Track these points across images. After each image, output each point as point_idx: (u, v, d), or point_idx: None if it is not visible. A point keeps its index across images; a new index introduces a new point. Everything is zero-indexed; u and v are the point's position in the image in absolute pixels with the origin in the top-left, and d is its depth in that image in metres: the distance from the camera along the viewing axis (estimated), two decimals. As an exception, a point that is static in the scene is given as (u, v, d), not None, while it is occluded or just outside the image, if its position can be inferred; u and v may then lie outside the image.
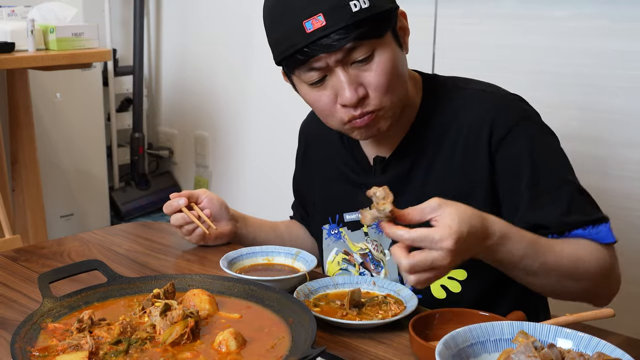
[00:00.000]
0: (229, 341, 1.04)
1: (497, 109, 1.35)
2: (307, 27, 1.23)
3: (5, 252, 1.58)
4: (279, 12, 1.29)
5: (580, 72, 2.85)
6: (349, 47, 1.24)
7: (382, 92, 1.29)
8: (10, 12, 3.29)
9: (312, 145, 1.64)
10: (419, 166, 1.40)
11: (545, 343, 0.95)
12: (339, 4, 1.22)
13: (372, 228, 1.45)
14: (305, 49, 1.24)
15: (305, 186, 1.66)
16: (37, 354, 1.02)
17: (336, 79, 1.28)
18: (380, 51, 1.27)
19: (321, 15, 1.22)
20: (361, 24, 1.23)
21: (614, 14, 2.77)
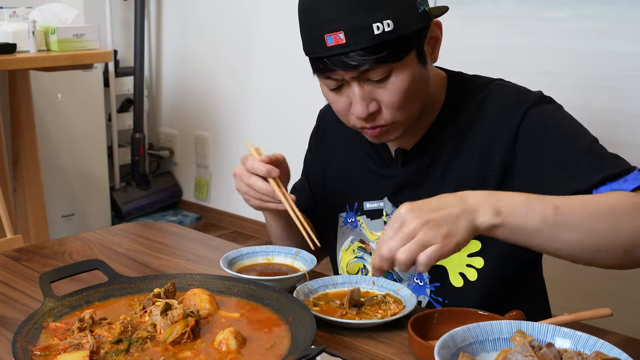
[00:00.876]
0: (229, 340, 1.04)
1: (515, 97, 1.35)
2: (328, 41, 1.23)
3: (6, 252, 1.59)
4: (306, 15, 1.28)
5: (579, 72, 2.86)
6: (366, 68, 1.23)
7: (395, 109, 1.29)
8: (11, 14, 3.29)
9: (332, 132, 1.62)
10: (440, 160, 1.40)
11: (543, 342, 0.95)
12: (362, 24, 1.21)
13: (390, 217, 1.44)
14: (325, 59, 1.24)
15: (319, 169, 1.63)
16: (38, 353, 1.02)
17: (351, 91, 1.28)
18: (398, 72, 1.26)
19: (342, 33, 1.21)
20: (381, 47, 1.21)
21: (613, 15, 2.78)
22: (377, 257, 1.09)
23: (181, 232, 1.77)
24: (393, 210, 1.43)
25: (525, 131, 1.31)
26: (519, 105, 1.33)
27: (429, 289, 1.41)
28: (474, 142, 1.36)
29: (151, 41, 4.55)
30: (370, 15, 1.20)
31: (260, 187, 1.36)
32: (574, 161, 1.25)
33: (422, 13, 1.27)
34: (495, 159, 1.33)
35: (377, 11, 1.20)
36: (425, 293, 1.42)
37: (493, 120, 1.35)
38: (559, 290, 1.72)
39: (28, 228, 3.41)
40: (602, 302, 1.30)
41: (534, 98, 1.34)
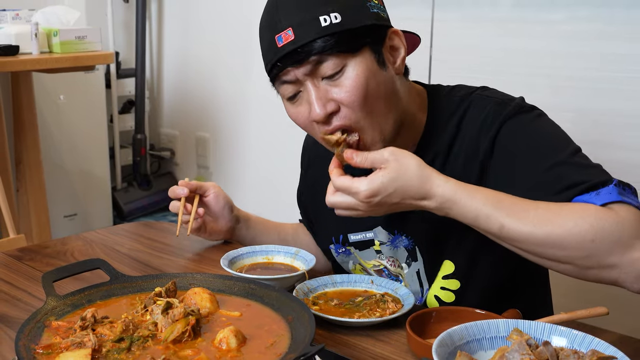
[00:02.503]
0: (230, 339, 1.04)
1: (492, 110, 1.30)
2: (278, 41, 1.23)
3: (9, 252, 1.58)
4: (262, 28, 1.31)
5: (575, 74, 2.85)
6: (316, 60, 1.21)
7: (354, 109, 1.23)
8: (14, 16, 3.29)
9: (313, 164, 1.59)
10: None
11: (539, 341, 0.95)
12: (309, 18, 1.21)
13: (387, 245, 1.41)
14: (278, 62, 1.24)
15: (309, 201, 1.62)
16: (41, 351, 1.02)
17: (306, 94, 1.25)
18: (352, 67, 1.22)
19: (290, 29, 1.21)
20: (328, 38, 1.20)
21: (609, 17, 2.77)
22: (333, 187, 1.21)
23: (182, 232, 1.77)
24: (390, 236, 1.40)
25: (499, 146, 1.27)
26: (495, 118, 1.29)
27: None
28: (456, 159, 1.32)
29: (152, 43, 4.54)
30: (316, 9, 1.20)
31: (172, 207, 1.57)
32: (548, 178, 1.19)
33: (374, 13, 1.25)
34: (472, 176, 1.28)
35: (323, 5, 1.21)
36: None
37: (471, 136, 1.30)
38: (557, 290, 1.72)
39: (31, 228, 3.41)
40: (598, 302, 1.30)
41: (511, 109, 1.29)
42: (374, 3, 1.26)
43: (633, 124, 2.74)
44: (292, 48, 1.21)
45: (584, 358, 0.89)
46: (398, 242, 1.40)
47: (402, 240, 1.39)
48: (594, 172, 1.18)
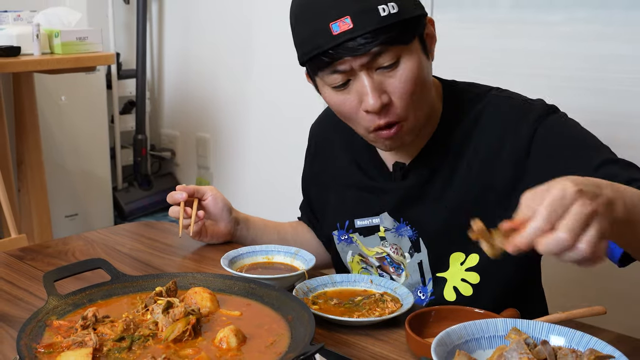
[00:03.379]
0: (230, 338, 1.04)
1: (517, 110, 1.31)
2: (333, 29, 1.19)
3: (11, 251, 1.58)
4: (305, 12, 1.25)
5: (574, 75, 2.86)
6: (375, 52, 1.19)
7: (406, 100, 1.24)
8: (16, 17, 3.29)
9: (322, 149, 1.59)
10: (439, 174, 1.36)
11: (537, 340, 0.95)
12: (368, 7, 1.18)
13: (391, 232, 1.42)
14: (331, 51, 1.20)
15: (314, 189, 1.62)
16: (42, 350, 1.02)
17: (360, 84, 1.23)
18: (406, 58, 1.23)
19: (349, 17, 1.18)
20: (389, 28, 1.18)
21: (606, 18, 2.78)
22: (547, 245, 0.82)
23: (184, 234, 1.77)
24: (395, 224, 1.41)
25: (538, 146, 1.26)
26: (524, 118, 1.29)
27: (426, 303, 1.41)
28: (472, 157, 1.33)
29: (153, 44, 4.55)
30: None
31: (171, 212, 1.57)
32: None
33: (419, 2, 1.26)
34: (498, 175, 1.29)
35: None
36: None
37: (493, 134, 1.31)
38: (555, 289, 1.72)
39: (32, 228, 3.41)
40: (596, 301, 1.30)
41: (542, 110, 1.30)
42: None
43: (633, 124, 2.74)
44: (351, 37, 1.18)
45: (582, 357, 0.89)
46: (402, 231, 1.40)
47: (406, 230, 1.40)
48: (636, 170, 1.19)
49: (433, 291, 1.40)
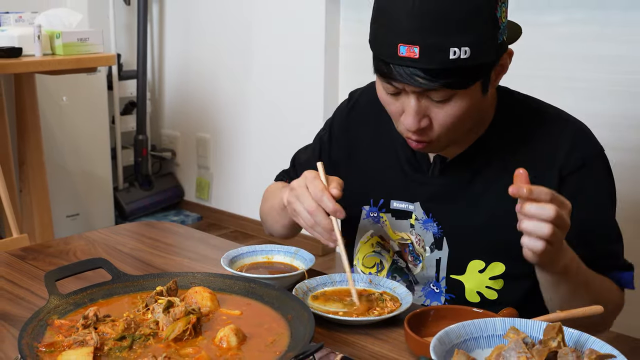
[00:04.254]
0: (230, 337, 1.04)
1: (575, 140, 1.31)
2: (400, 50, 1.16)
3: (13, 251, 1.58)
4: (384, 15, 1.20)
5: (572, 76, 2.86)
6: (430, 89, 1.18)
7: (446, 129, 1.24)
8: (17, 18, 3.29)
9: (362, 121, 1.52)
10: (480, 178, 1.35)
11: (536, 339, 0.95)
12: (439, 44, 1.14)
13: (420, 222, 1.40)
14: (392, 66, 1.18)
15: (339, 155, 1.54)
16: (43, 349, 1.02)
17: (407, 102, 1.22)
18: (459, 98, 1.20)
19: (417, 48, 1.14)
20: (452, 72, 1.15)
21: (604, 19, 2.78)
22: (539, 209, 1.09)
23: (183, 232, 1.77)
24: (424, 216, 1.39)
25: (571, 186, 1.29)
26: (576, 149, 1.30)
27: (444, 297, 1.40)
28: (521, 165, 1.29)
29: (154, 45, 4.54)
30: (450, 38, 1.14)
31: (321, 221, 1.27)
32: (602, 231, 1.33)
33: (500, 43, 1.21)
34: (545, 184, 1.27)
35: (458, 36, 1.14)
36: (439, 300, 1.40)
37: (547, 155, 1.31)
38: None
39: (33, 228, 3.41)
40: (593, 300, 1.30)
41: (593, 149, 1.32)
42: (503, 24, 1.21)
43: (630, 124, 2.74)
44: (412, 66, 1.15)
45: (582, 356, 0.89)
46: (429, 225, 1.39)
47: (432, 225, 1.38)
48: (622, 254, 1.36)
49: (447, 288, 1.39)
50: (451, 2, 1.13)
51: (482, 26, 1.16)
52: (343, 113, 1.56)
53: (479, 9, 1.15)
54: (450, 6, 1.13)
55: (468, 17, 1.14)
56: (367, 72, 1.32)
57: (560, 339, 0.91)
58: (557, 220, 1.08)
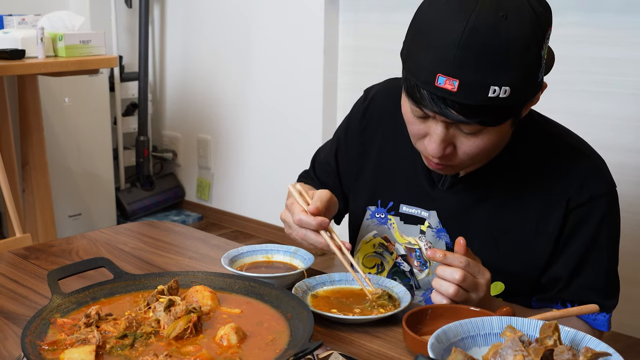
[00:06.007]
0: (230, 335, 1.04)
1: (587, 176, 1.28)
2: (438, 81, 1.10)
3: (16, 250, 1.58)
4: (426, 35, 1.14)
5: (565, 78, 2.86)
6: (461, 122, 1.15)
7: (470, 158, 1.22)
8: (20, 21, 3.29)
9: (378, 120, 1.48)
10: (491, 199, 1.33)
11: (532, 337, 0.95)
12: (480, 81, 1.09)
13: (432, 231, 1.38)
14: (425, 92, 1.13)
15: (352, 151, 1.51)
16: (46, 347, 1.02)
17: (433, 128, 1.18)
18: (489, 132, 1.17)
19: (457, 82, 1.09)
20: (488, 110, 1.11)
21: (598, 22, 2.78)
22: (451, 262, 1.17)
23: (184, 231, 1.77)
24: (439, 226, 1.37)
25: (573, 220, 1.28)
26: (588, 188, 1.27)
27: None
28: (534, 196, 1.30)
29: (155, 47, 4.54)
30: (491, 75, 1.09)
31: (314, 240, 1.28)
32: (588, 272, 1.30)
33: (538, 82, 1.17)
34: (551, 225, 1.29)
35: (501, 74, 1.09)
36: None
37: (560, 186, 1.29)
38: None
39: (36, 227, 3.41)
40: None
41: (604, 187, 1.28)
42: (544, 62, 1.17)
43: (624, 125, 2.74)
44: (448, 98, 1.11)
45: (578, 355, 0.89)
46: (442, 235, 1.37)
47: (445, 236, 1.37)
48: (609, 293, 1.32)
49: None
50: (501, 39, 1.08)
51: (526, 67, 1.12)
52: (359, 112, 1.52)
53: (528, 48, 1.10)
54: (499, 43, 1.08)
55: (514, 56, 1.09)
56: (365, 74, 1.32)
57: (556, 337, 0.91)
58: (463, 283, 1.15)
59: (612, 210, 1.30)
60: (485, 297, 1.19)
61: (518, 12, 1.10)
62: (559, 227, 1.29)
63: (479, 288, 1.17)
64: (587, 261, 1.30)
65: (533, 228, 1.30)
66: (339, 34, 3.67)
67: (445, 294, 1.16)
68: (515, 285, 1.32)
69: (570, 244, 1.29)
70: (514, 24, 1.09)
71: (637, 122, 2.70)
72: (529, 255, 1.31)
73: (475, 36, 1.08)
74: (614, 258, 1.34)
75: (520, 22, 1.09)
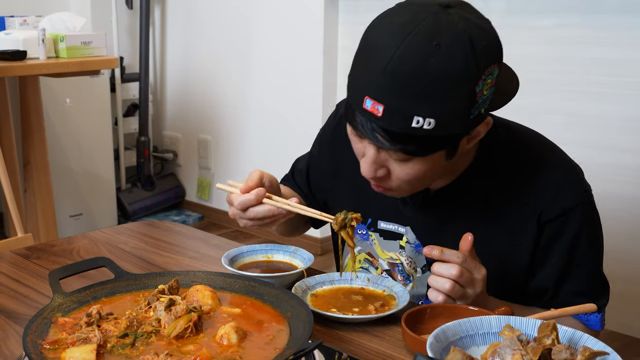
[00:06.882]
0: (230, 334, 1.04)
1: (558, 189, 1.26)
2: (366, 103, 1.09)
3: (17, 250, 1.58)
4: (362, 57, 1.13)
5: (565, 79, 2.86)
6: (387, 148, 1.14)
7: (405, 184, 1.20)
8: (22, 22, 3.29)
9: (345, 145, 1.42)
10: (464, 215, 1.31)
11: (530, 337, 0.95)
12: (404, 110, 1.06)
13: (411, 246, 1.38)
14: (356, 113, 1.12)
15: (328, 168, 1.51)
16: (47, 347, 1.02)
17: (367, 147, 1.17)
18: (418, 162, 1.15)
19: (382, 107, 1.07)
20: (412, 140, 1.09)
21: (596, 23, 2.78)
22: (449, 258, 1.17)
23: (184, 231, 1.77)
24: (416, 241, 1.36)
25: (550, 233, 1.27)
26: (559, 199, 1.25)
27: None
28: (505, 208, 1.28)
29: (156, 48, 4.54)
30: (416, 106, 1.06)
31: (263, 212, 1.26)
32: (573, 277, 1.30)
33: (474, 118, 1.11)
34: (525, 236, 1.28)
35: (425, 105, 1.06)
36: None
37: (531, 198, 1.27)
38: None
39: (38, 227, 3.41)
40: (586, 298, 1.30)
41: (576, 198, 1.26)
42: (483, 97, 1.10)
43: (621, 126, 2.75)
44: (373, 121, 1.09)
45: (576, 354, 0.89)
46: (420, 250, 1.37)
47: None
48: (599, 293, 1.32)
49: None
50: (427, 70, 1.05)
51: (454, 101, 1.07)
52: (330, 128, 1.53)
53: (457, 83, 1.06)
54: (425, 74, 1.05)
55: (440, 89, 1.06)
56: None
57: (554, 337, 0.91)
58: (460, 278, 1.15)
59: (588, 218, 1.28)
60: (481, 293, 1.19)
61: (452, 45, 1.05)
62: (534, 241, 1.28)
63: (476, 284, 1.17)
64: (570, 271, 1.29)
65: (509, 242, 1.29)
66: (338, 35, 3.67)
67: (442, 290, 1.16)
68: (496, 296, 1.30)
69: (549, 256, 1.29)
70: (445, 56, 1.05)
71: (636, 122, 2.70)
72: (506, 268, 1.30)
73: (403, 63, 1.05)
74: (597, 261, 1.33)
75: (452, 55, 1.05)
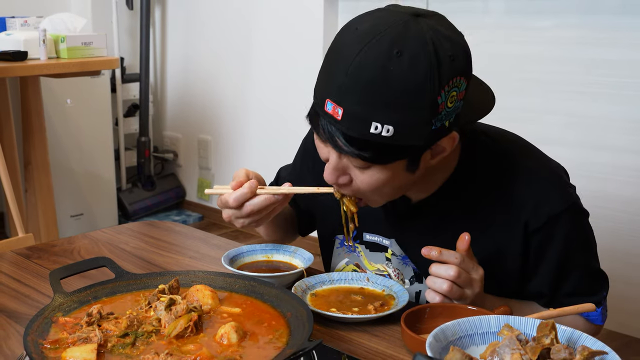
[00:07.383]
0: (230, 334, 1.04)
1: (541, 196, 1.24)
2: (327, 106, 1.08)
3: (18, 250, 1.58)
4: (328, 59, 1.12)
5: (564, 79, 2.86)
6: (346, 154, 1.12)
7: (369, 192, 1.18)
8: (23, 23, 3.29)
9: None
10: (448, 226, 1.28)
11: (529, 336, 0.95)
12: (362, 115, 1.05)
13: (397, 258, 1.37)
14: (318, 114, 1.12)
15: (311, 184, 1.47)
16: (48, 346, 1.02)
17: (330, 153, 1.16)
18: (378, 170, 1.13)
19: (342, 110, 1.06)
20: (369, 146, 1.08)
21: (596, 23, 2.78)
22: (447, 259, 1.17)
23: (185, 231, 1.77)
24: (402, 253, 1.35)
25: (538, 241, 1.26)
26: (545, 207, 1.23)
27: None
28: (489, 218, 1.27)
29: (156, 49, 4.54)
30: (374, 112, 1.05)
31: (259, 203, 1.26)
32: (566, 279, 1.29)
33: (436, 129, 1.09)
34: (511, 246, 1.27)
35: (384, 112, 1.05)
36: None
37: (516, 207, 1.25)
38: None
39: (38, 227, 3.41)
40: (585, 298, 1.30)
41: (561, 204, 1.24)
42: (447, 110, 1.08)
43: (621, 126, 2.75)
44: (334, 126, 1.08)
45: (575, 353, 0.89)
46: (407, 261, 1.37)
47: (410, 262, 1.36)
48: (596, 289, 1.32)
49: None
50: (386, 77, 1.03)
51: (413, 110, 1.05)
52: (311, 139, 1.47)
53: (417, 92, 1.04)
54: (385, 80, 1.03)
55: (400, 97, 1.04)
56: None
57: (553, 336, 0.91)
58: (458, 279, 1.15)
59: (576, 223, 1.27)
60: (479, 293, 1.19)
61: (415, 53, 1.03)
62: (522, 250, 1.27)
63: (474, 284, 1.17)
64: (564, 274, 1.29)
65: (496, 251, 1.28)
66: (338, 36, 3.67)
67: (440, 291, 1.16)
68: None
69: (541, 265, 1.28)
70: (406, 64, 1.03)
71: (635, 122, 2.70)
72: (495, 277, 1.27)
73: (362, 68, 1.04)
74: (591, 259, 1.32)
75: (413, 64, 1.03)
